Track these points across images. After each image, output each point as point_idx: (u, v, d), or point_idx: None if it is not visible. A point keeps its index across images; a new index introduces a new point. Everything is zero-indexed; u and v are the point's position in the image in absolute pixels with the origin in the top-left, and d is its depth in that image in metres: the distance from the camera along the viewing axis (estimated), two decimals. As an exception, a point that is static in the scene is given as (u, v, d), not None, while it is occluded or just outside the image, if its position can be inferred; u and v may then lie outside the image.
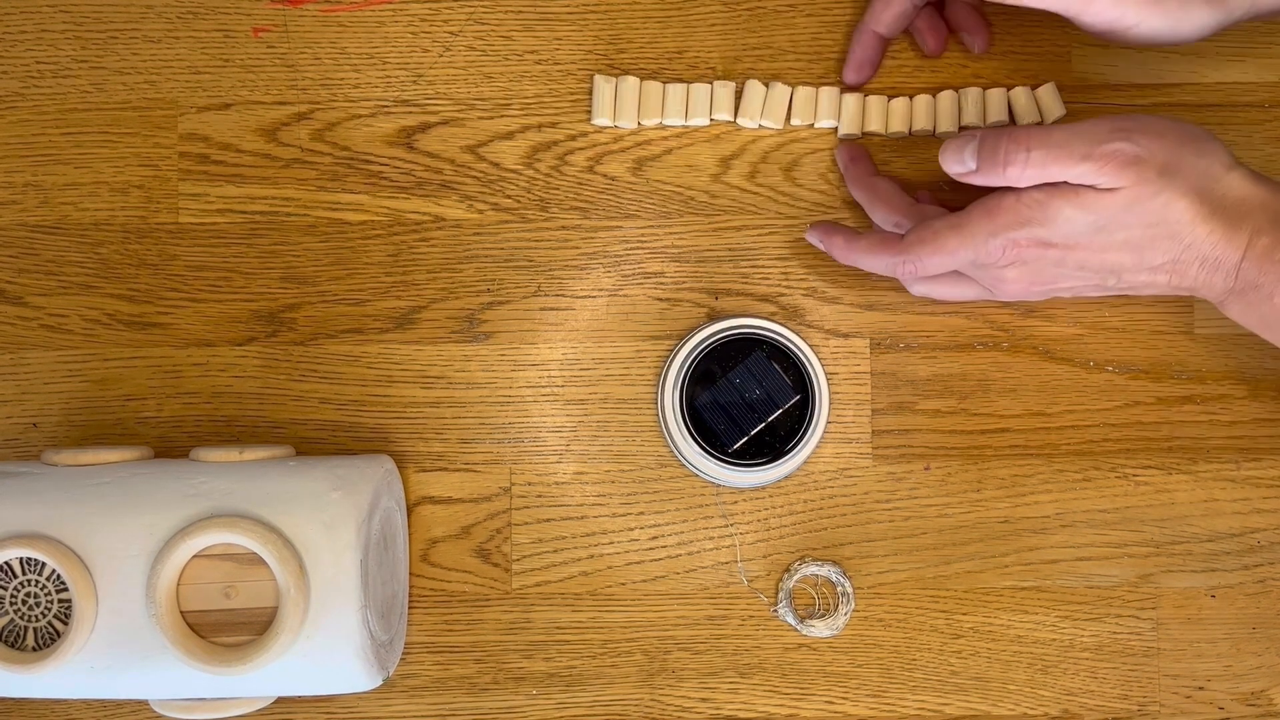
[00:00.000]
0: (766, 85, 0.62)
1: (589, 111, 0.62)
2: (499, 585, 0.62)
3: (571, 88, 0.63)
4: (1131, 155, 0.50)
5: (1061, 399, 0.62)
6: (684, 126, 0.62)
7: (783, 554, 0.62)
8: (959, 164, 0.53)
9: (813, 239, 0.60)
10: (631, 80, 0.62)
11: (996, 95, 0.62)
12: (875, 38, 0.60)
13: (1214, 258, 0.51)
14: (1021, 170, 0.51)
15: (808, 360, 0.59)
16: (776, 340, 0.59)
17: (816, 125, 0.62)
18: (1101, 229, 0.51)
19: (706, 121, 0.62)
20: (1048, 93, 0.62)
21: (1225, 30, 0.55)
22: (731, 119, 0.62)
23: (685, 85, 0.62)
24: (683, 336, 0.61)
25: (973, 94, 0.62)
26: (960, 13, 0.61)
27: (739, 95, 0.62)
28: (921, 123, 0.62)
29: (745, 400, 0.59)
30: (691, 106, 0.62)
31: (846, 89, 0.62)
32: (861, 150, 0.61)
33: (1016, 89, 0.62)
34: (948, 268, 0.55)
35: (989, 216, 0.52)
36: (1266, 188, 0.51)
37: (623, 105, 0.62)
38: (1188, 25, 0.53)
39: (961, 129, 0.62)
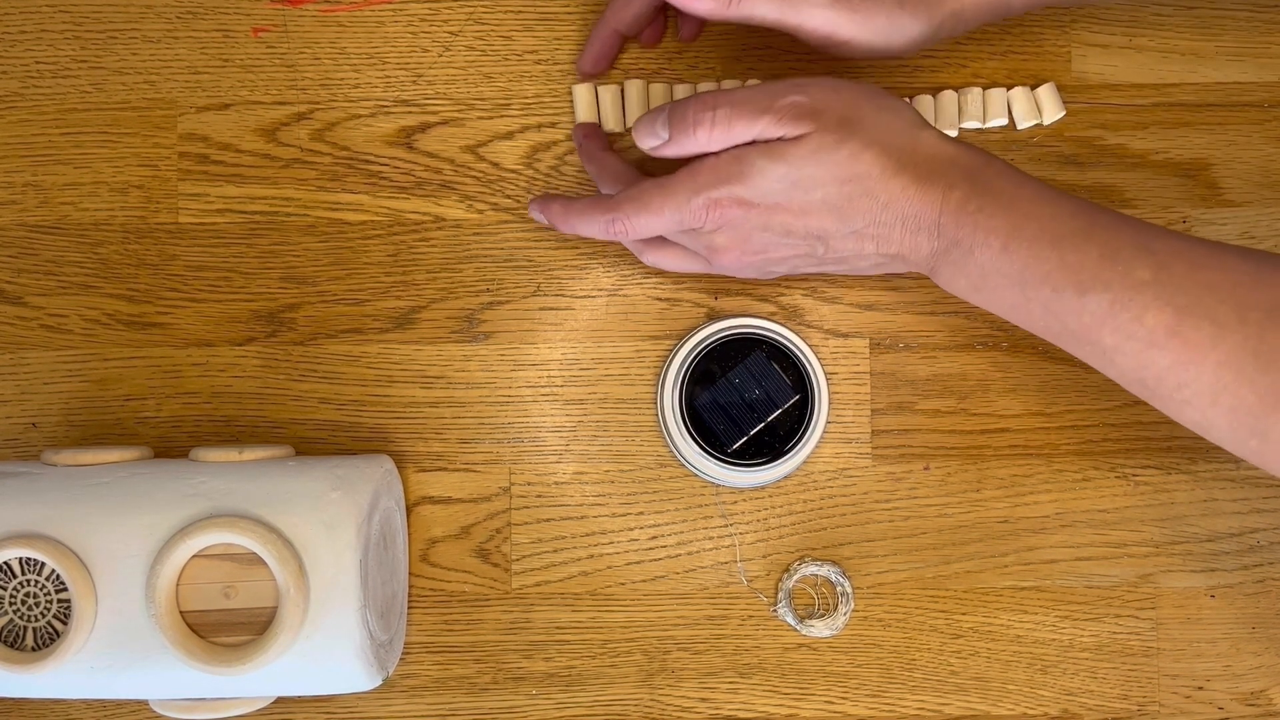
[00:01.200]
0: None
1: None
2: (498, 585, 0.62)
3: (571, 88, 0.63)
4: (808, 106, 0.51)
5: (1061, 399, 0.62)
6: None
7: (782, 554, 0.62)
8: (652, 137, 0.54)
9: (534, 213, 0.60)
10: (611, 88, 0.62)
11: (996, 95, 0.62)
12: (615, 35, 0.61)
13: (914, 215, 0.52)
14: (709, 131, 0.52)
15: (807, 360, 0.59)
16: (776, 340, 0.59)
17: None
18: (797, 184, 0.52)
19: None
20: (1047, 92, 0.62)
21: (939, 42, 0.56)
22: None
23: (659, 85, 0.62)
24: (682, 336, 0.61)
25: (973, 94, 0.62)
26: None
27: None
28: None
29: (745, 400, 0.59)
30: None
31: (583, 79, 0.62)
32: (595, 128, 0.62)
33: (1016, 89, 0.62)
34: (656, 229, 0.55)
35: (691, 176, 0.53)
36: (958, 146, 0.52)
37: (606, 111, 0.62)
38: (899, 38, 0.55)
39: (961, 129, 0.62)
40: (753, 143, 0.53)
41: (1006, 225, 0.50)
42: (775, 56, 0.63)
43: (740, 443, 0.59)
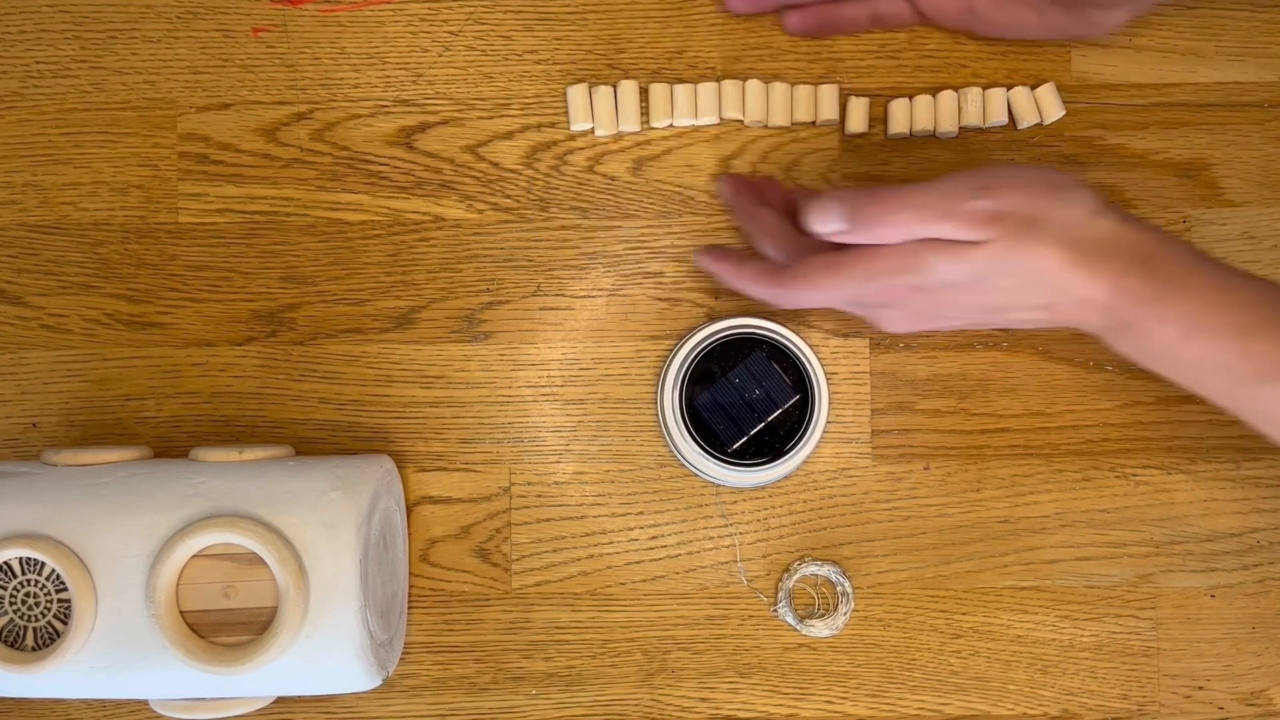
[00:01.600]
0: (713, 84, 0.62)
1: (583, 117, 0.62)
2: (498, 585, 0.62)
3: (566, 89, 0.63)
4: (994, 211, 0.51)
5: (1061, 399, 0.62)
6: (671, 127, 0.63)
7: (782, 554, 0.62)
8: (825, 224, 0.53)
9: (702, 263, 0.59)
10: (605, 90, 0.62)
11: (996, 95, 0.62)
12: None
13: (1089, 299, 0.51)
14: (889, 232, 0.52)
15: (807, 360, 0.59)
16: (776, 340, 0.59)
17: (818, 123, 0.63)
18: (974, 279, 0.52)
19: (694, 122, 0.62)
20: (1047, 92, 0.62)
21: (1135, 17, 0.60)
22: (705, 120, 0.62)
23: (668, 86, 0.62)
24: (682, 336, 0.61)
25: (973, 94, 0.62)
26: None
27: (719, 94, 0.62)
28: (922, 123, 0.62)
29: (745, 400, 0.59)
30: (679, 108, 0.62)
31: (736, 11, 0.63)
32: (743, 182, 0.61)
33: (1016, 89, 0.62)
34: (824, 305, 0.55)
35: (865, 262, 0.53)
36: (1133, 228, 0.52)
37: (601, 113, 0.62)
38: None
39: (962, 129, 0.62)
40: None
41: (1184, 314, 0.50)
42: (775, 56, 0.63)
43: (740, 442, 0.59)
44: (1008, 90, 0.62)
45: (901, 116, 0.62)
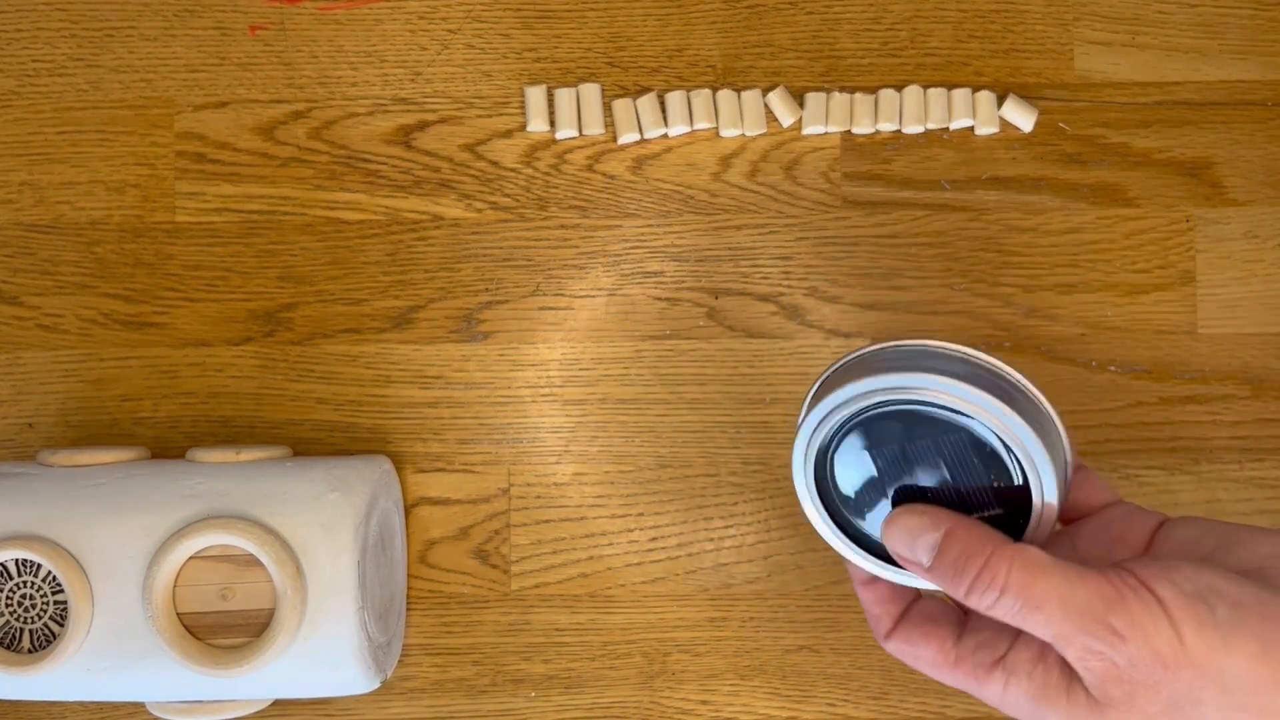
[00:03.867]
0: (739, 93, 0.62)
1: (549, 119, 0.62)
2: (497, 587, 0.62)
3: (524, 88, 0.62)
4: (1109, 670, 0.39)
5: (1064, 399, 0.62)
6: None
7: (783, 554, 0.62)
8: (909, 551, 0.42)
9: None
10: (568, 91, 0.61)
11: (981, 98, 0.62)
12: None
13: None
14: (984, 605, 0.41)
15: (1034, 467, 0.41)
16: (987, 427, 0.40)
17: (804, 132, 0.62)
18: None
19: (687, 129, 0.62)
20: (1014, 105, 0.61)
21: None
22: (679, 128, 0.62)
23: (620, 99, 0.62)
24: (827, 370, 0.44)
25: (912, 92, 0.61)
26: None
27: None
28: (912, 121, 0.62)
29: (916, 486, 0.42)
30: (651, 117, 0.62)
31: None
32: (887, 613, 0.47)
33: (981, 92, 0.62)
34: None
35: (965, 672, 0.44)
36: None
37: (560, 114, 0.62)
38: None
39: (951, 131, 0.62)
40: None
41: None
42: (775, 55, 0.63)
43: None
44: (973, 93, 0.62)
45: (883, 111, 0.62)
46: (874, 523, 0.44)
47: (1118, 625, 0.39)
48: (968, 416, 0.41)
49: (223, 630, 0.53)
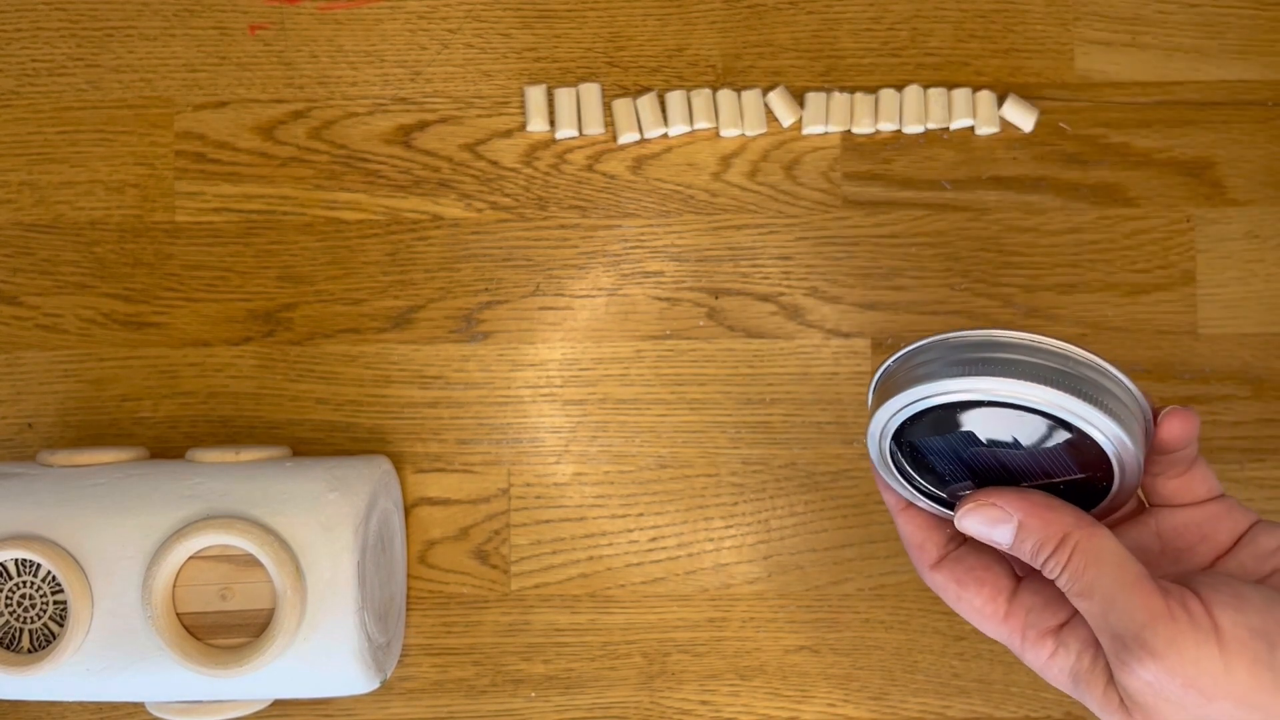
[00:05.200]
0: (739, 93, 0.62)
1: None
2: (497, 587, 0.62)
3: (523, 88, 0.62)
4: (1134, 679, 0.40)
5: (1064, 399, 0.62)
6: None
7: (783, 554, 0.62)
8: (988, 529, 0.43)
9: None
10: (569, 91, 0.61)
11: (980, 98, 0.62)
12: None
13: None
14: (1051, 576, 0.42)
15: (1119, 453, 0.41)
16: (1070, 422, 0.40)
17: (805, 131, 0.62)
18: None
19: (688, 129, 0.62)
20: (1015, 105, 0.61)
21: None
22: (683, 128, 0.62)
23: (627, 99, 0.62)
24: (899, 350, 0.45)
25: (917, 93, 0.61)
26: None
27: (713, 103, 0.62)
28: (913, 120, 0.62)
29: (997, 461, 0.43)
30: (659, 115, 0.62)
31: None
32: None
33: (982, 92, 0.62)
34: None
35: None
36: None
37: (561, 114, 0.62)
38: None
39: (950, 130, 0.62)
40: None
41: None
42: (775, 55, 0.63)
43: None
44: (973, 93, 0.62)
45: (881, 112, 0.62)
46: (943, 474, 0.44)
47: (1152, 641, 0.39)
48: (1044, 414, 0.41)
49: (222, 630, 0.53)
